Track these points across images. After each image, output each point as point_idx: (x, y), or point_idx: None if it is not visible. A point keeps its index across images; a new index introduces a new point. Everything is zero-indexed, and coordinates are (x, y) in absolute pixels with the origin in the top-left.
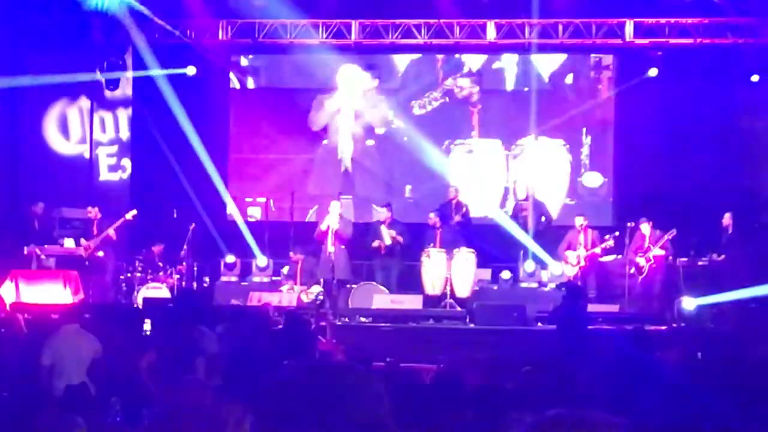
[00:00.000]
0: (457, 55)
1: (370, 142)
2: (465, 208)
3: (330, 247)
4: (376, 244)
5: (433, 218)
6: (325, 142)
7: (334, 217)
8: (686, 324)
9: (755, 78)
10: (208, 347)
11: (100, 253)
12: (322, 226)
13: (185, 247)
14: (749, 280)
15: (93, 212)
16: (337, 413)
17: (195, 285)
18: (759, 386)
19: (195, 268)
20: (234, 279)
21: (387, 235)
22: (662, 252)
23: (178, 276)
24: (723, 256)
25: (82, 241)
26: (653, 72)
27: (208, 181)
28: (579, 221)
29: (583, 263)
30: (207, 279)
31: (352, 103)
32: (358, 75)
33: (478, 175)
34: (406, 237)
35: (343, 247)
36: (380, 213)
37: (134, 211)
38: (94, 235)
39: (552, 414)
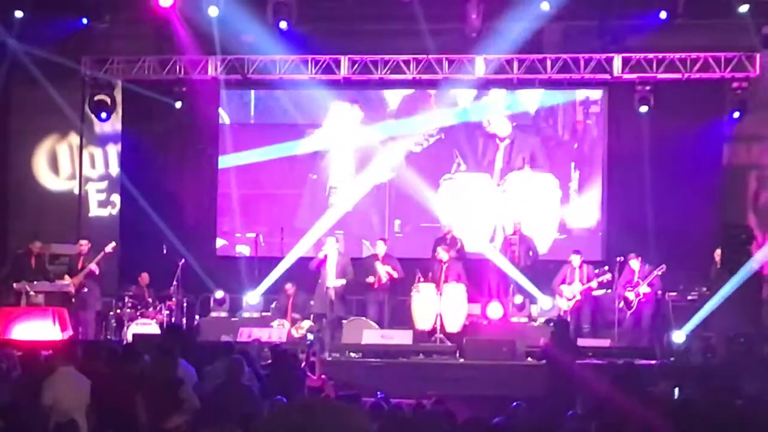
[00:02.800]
0: (452, 92)
1: (365, 177)
2: (459, 243)
3: (330, 282)
4: (370, 279)
5: (441, 253)
6: (314, 176)
7: (332, 252)
8: (675, 358)
9: (736, 115)
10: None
11: (85, 289)
12: (320, 255)
13: (175, 282)
14: (738, 316)
15: (84, 245)
16: None
17: (184, 320)
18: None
19: (185, 304)
20: (224, 314)
21: (383, 271)
22: (649, 289)
23: (167, 312)
24: (712, 291)
25: (66, 277)
26: (644, 109)
27: (198, 216)
28: (575, 260)
29: (578, 297)
30: (197, 316)
31: (345, 139)
32: (350, 112)
33: (467, 209)
34: (400, 272)
35: (343, 282)
36: (375, 247)
37: (113, 244)
38: (78, 269)
39: None
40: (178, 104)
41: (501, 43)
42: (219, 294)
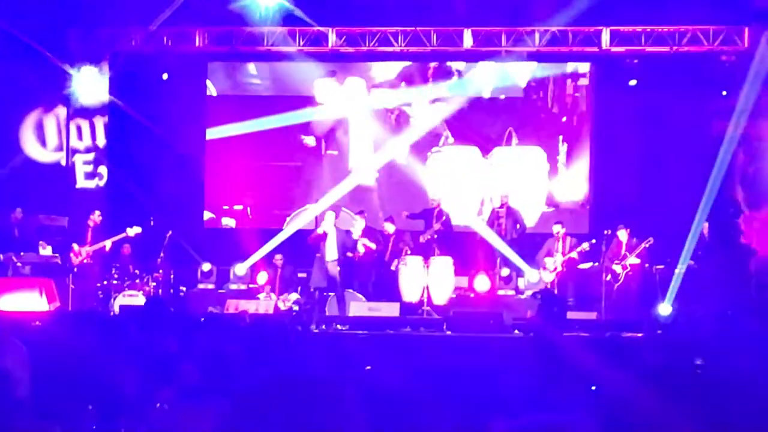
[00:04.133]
0: (449, 64)
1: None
2: (445, 217)
3: (329, 255)
4: (350, 254)
5: (387, 226)
6: (330, 152)
7: (331, 227)
8: (662, 331)
9: (724, 93)
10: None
11: (87, 261)
12: (319, 230)
13: (162, 254)
14: (725, 288)
15: (95, 216)
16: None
17: (171, 292)
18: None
19: (172, 276)
20: (211, 287)
21: (360, 244)
22: (638, 261)
23: (154, 283)
24: (699, 264)
25: (75, 246)
26: (633, 82)
27: (185, 189)
28: (557, 229)
29: (560, 269)
30: (183, 288)
31: (361, 116)
32: (364, 89)
33: (454, 182)
34: (379, 244)
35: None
36: (356, 221)
37: (138, 229)
38: (87, 241)
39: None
40: (165, 76)
41: (490, 15)
42: (206, 266)
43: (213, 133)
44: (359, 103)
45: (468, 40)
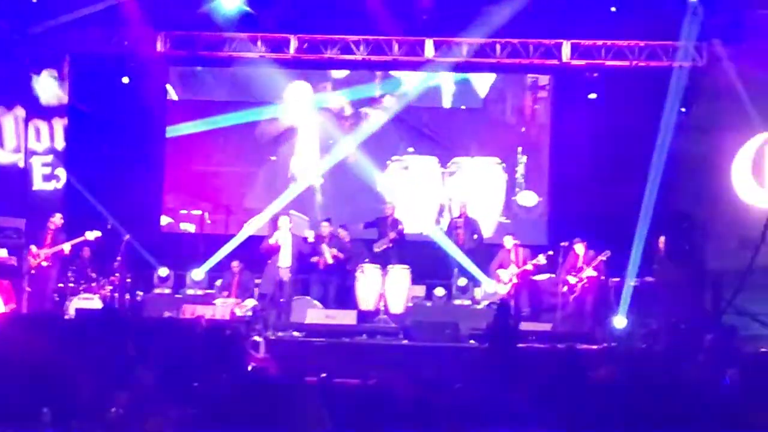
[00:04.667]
0: (393, 73)
1: (316, 156)
2: (400, 225)
3: (282, 262)
4: (315, 259)
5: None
6: (273, 158)
7: (286, 233)
8: (617, 343)
9: (683, 109)
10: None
11: (44, 263)
12: (271, 241)
13: (119, 258)
14: (679, 302)
15: (56, 219)
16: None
17: (128, 296)
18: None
19: (128, 280)
20: (167, 291)
21: (328, 253)
22: (595, 273)
23: (110, 287)
24: (655, 278)
25: (33, 248)
26: (592, 95)
27: (143, 193)
28: (508, 241)
29: (514, 281)
30: (140, 292)
31: (307, 121)
32: (310, 93)
33: (413, 191)
34: (347, 252)
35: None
36: (322, 228)
37: (98, 233)
38: (46, 244)
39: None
40: (126, 79)
41: (451, 25)
42: (163, 271)
43: (173, 131)
44: (310, 107)
45: (429, 50)
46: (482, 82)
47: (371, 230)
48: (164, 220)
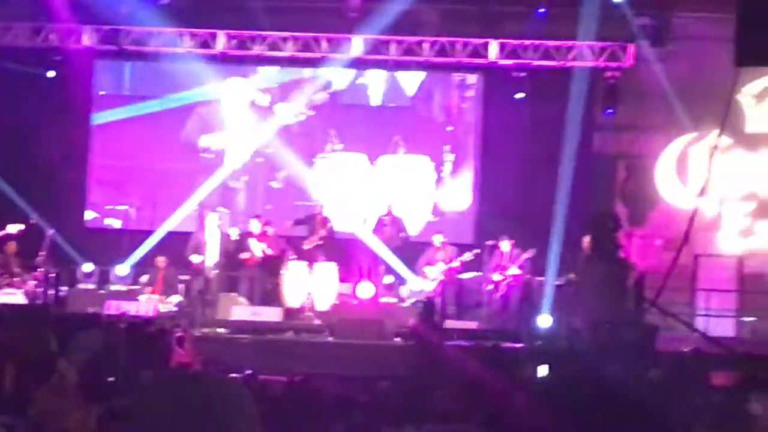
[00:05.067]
0: (324, 70)
1: (247, 152)
2: (330, 223)
3: (209, 259)
4: (245, 255)
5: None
6: (204, 154)
7: (213, 230)
8: (541, 342)
9: (609, 111)
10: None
11: None
12: (201, 238)
13: (43, 253)
14: (602, 301)
15: None
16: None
17: (52, 291)
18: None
19: (52, 275)
20: (92, 287)
21: (258, 248)
22: (519, 271)
23: (34, 282)
24: (579, 277)
25: None
26: (519, 95)
27: (68, 188)
28: (437, 239)
29: (441, 278)
30: (64, 288)
31: (235, 116)
32: (243, 88)
33: (341, 188)
34: (276, 249)
35: (223, 260)
36: (251, 225)
37: (21, 226)
38: None
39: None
40: (51, 73)
41: (379, 24)
42: (87, 267)
43: (100, 118)
44: (242, 104)
45: (357, 48)
46: (410, 81)
47: (300, 227)
48: (89, 215)
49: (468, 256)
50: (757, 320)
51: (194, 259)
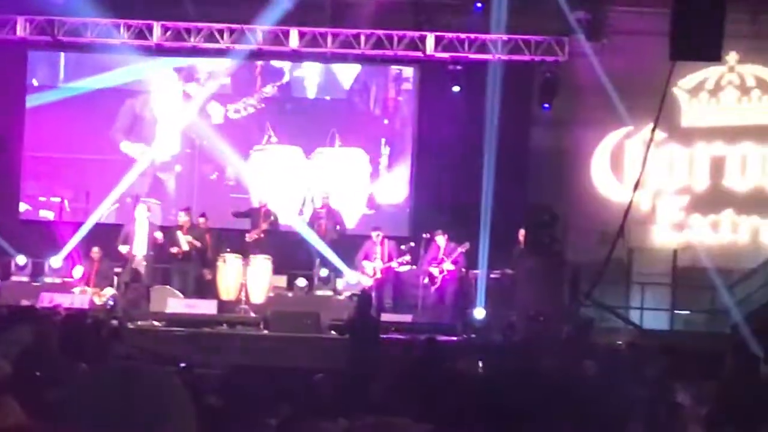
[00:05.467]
0: (275, 64)
1: (179, 148)
2: (273, 217)
3: (137, 250)
4: (174, 249)
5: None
6: (135, 145)
7: (142, 222)
8: (476, 335)
9: (546, 105)
10: None
11: None
12: (131, 229)
13: None
14: (538, 294)
15: None
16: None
17: None
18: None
19: None
20: (25, 279)
21: (184, 241)
22: (453, 266)
23: None
24: (514, 270)
25: None
26: (456, 88)
27: (1, 179)
28: (375, 235)
29: (379, 275)
30: None
31: (166, 107)
32: (172, 79)
33: (276, 181)
34: (205, 242)
35: (152, 253)
36: (179, 217)
37: None
38: None
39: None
40: None
41: (316, 16)
42: (21, 259)
43: (33, 100)
44: (173, 95)
45: (294, 40)
46: (346, 73)
47: (243, 220)
48: (23, 207)
49: (406, 257)
50: (690, 313)
51: (122, 249)
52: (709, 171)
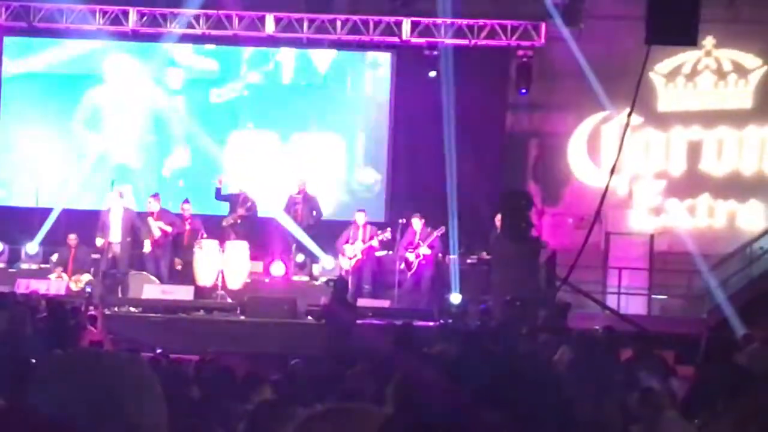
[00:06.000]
0: (263, 49)
1: (147, 133)
2: (251, 203)
3: (113, 237)
4: (145, 236)
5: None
6: (97, 133)
7: (117, 209)
8: (453, 320)
9: (523, 91)
10: None
11: None
12: (106, 216)
13: None
14: (514, 279)
15: None
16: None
17: None
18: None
19: None
20: (1, 265)
21: (155, 227)
22: (429, 251)
23: None
24: (491, 255)
25: None
26: (432, 74)
27: None
28: (360, 217)
29: (359, 256)
30: None
31: (126, 93)
32: (132, 65)
33: (253, 167)
34: (176, 226)
35: (129, 239)
36: (149, 203)
37: None
38: None
39: (323, 407)
40: None
41: (292, 1)
42: None
43: (12, 68)
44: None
45: (270, 26)
46: (322, 59)
47: (222, 204)
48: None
49: (387, 234)
50: (667, 298)
51: (98, 242)
52: (685, 155)
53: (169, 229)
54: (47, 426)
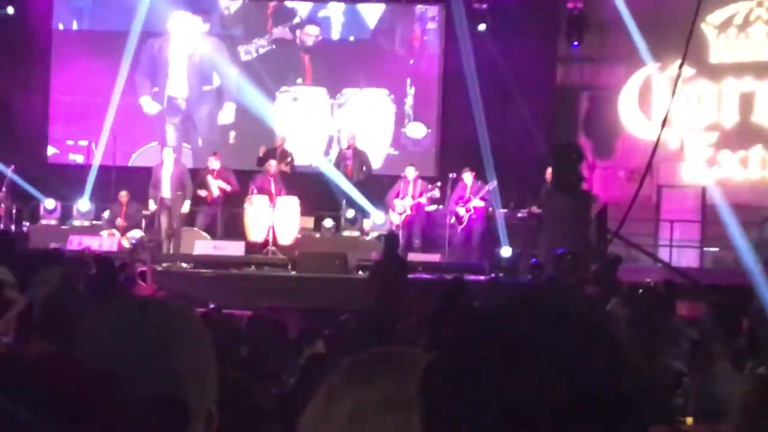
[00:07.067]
0: (288, 4)
1: (207, 88)
2: (290, 157)
3: (165, 192)
4: (203, 193)
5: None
6: (156, 89)
7: (168, 165)
8: (504, 274)
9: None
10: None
11: None
12: (159, 173)
13: (4, 189)
14: (565, 232)
15: None
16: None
17: (13, 227)
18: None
19: (14, 211)
20: (54, 222)
21: (214, 186)
22: (482, 203)
23: None
24: (542, 209)
25: None
26: (481, 27)
27: (29, 123)
28: (410, 172)
29: (409, 212)
30: (26, 223)
31: (186, 49)
32: (191, 21)
33: (302, 122)
34: (234, 185)
35: (180, 193)
36: (210, 161)
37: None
38: None
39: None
40: (10, 9)
41: None
42: (50, 203)
43: (59, 67)
44: (195, 37)
45: None
46: (371, 13)
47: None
48: (50, 150)
49: (435, 192)
50: (719, 250)
51: (150, 204)
52: (738, 107)
53: (228, 187)
54: (92, 374)
